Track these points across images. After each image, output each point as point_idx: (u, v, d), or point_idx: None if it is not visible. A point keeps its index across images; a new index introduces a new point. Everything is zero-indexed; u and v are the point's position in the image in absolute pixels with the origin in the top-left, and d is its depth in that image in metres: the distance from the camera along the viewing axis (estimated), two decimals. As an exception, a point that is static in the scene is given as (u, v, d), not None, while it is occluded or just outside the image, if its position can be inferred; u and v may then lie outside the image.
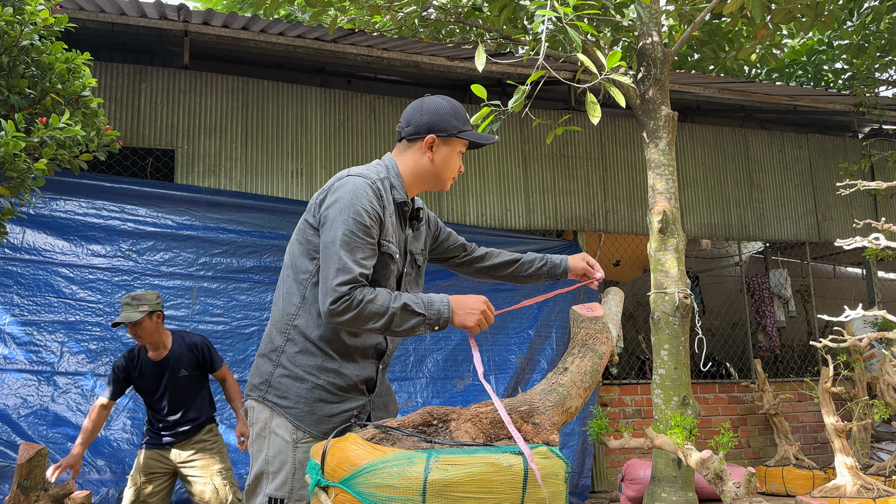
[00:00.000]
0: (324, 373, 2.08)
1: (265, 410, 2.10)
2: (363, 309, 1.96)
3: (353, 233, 2.01)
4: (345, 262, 1.98)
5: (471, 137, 2.25)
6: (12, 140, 2.57)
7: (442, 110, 2.23)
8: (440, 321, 2.04)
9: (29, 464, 3.01)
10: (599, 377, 2.31)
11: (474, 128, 2.33)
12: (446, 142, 2.23)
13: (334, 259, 1.99)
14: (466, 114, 2.29)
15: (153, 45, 6.28)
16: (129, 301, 3.98)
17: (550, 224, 7.07)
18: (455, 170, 2.29)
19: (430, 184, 2.29)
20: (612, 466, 6.80)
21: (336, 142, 6.49)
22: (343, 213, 2.02)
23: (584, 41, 4.15)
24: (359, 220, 2.02)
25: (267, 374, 2.12)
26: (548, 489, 1.80)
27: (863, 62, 8.36)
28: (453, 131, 2.22)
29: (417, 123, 2.21)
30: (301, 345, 2.10)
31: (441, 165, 2.25)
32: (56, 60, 2.94)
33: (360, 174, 2.12)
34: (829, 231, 8.28)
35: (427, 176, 2.26)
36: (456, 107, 2.27)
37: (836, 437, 5.56)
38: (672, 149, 4.81)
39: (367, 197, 2.06)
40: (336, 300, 1.95)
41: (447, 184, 2.31)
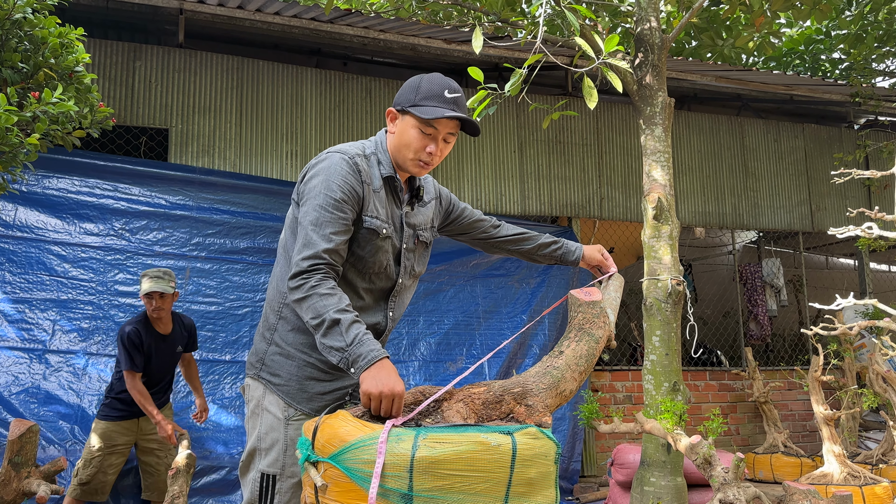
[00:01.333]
0: (314, 350, 2.08)
1: (259, 388, 2.12)
2: (308, 298, 1.88)
3: (323, 207, 1.97)
4: (310, 237, 1.95)
5: (419, 112, 2.02)
6: (4, 114, 2.55)
7: (409, 84, 2.10)
8: (354, 363, 1.83)
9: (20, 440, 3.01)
10: (595, 362, 2.32)
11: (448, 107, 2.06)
12: (403, 116, 2.10)
13: (301, 234, 1.97)
14: (444, 91, 2.06)
15: (148, 23, 6.23)
16: (160, 275, 4.32)
17: (545, 210, 7.07)
18: (416, 150, 2.07)
19: (398, 160, 2.14)
20: (601, 451, 6.85)
21: (331, 123, 6.46)
22: (316, 188, 2.01)
23: (582, 25, 4.13)
24: (329, 195, 1.98)
25: (261, 352, 2.13)
26: (537, 470, 1.81)
27: (860, 52, 8.35)
28: (406, 105, 2.07)
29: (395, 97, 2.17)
30: (293, 323, 2.10)
31: (398, 140, 2.10)
32: (49, 35, 2.91)
33: (339, 150, 2.09)
34: (823, 221, 8.30)
35: (393, 151, 2.14)
36: (427, 81, 2.07)
37: (824, 425, 5.61)
38: (668, 136, 4.80)
39: (341, 173, 2.02)
40: (295, 275, 1.92)
41: (409, 165, 2.11)
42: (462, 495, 1.70)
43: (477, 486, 1.71)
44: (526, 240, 2.54)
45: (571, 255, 2.56)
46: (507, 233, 2.54)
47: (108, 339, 5.22)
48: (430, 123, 2.04)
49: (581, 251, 2.55)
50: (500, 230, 2.54)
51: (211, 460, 5.07)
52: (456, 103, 2.08)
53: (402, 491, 1.68)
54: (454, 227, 2.48)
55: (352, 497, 1.71)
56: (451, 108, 2.06)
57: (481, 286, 6.47)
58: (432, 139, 2.07)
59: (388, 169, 2.14)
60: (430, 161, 2.10)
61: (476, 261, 6.46)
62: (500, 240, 2.54)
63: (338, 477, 1.74)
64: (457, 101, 2.09)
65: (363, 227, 2.07)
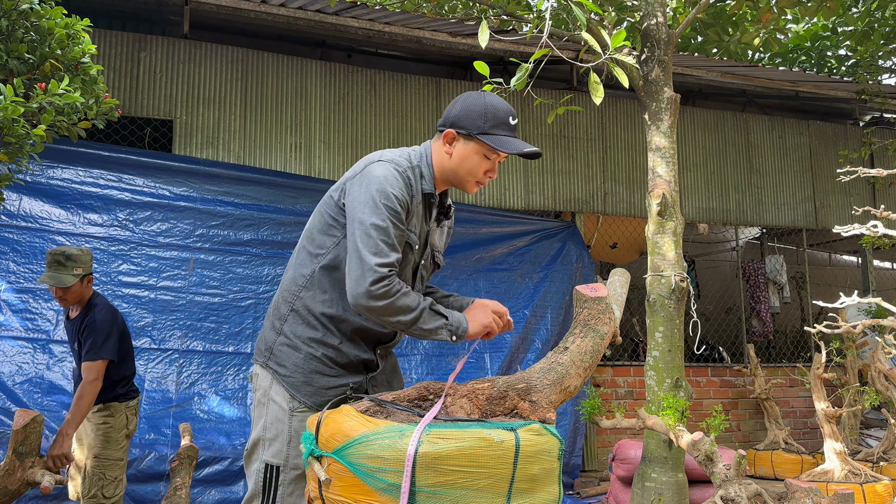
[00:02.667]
0: (322, 346, 2.09)
1: (267, 377, 2.14)
2: (397, 299, 1.96)
3: (388, 218, 1.99)
4: (381, 246, 1.97)
5: (492, 143, 2.09)
6: (11, 105, 2.55)
7: (472, 107, 2.12)
8: (459, 330, 2.05)
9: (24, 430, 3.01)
10: (600, 357, 2.32)
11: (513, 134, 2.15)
12: (467, 141, 2.13)
13: (370, 243, 1.96)
14: (509, 117, 2.13)
15: (153, 13, 6.22)
16: (61, 260, 3.53)
17: (549, 205, 7.06)
18: (477, 173, 2.16)
19: (451, 180, 2.20)
20: (602, 446, 6.86)
21: (335, 116, 6.46)
22: (375, 195, 2.00)
23: (589, 20, 4.11)
24: (390, 206, 2.00)
25: (270, 341, 2.15)
26: (540, 466, 1.82)
27: (867, 49, 8.31)
28: (474, 131, 2.10)
29: (447, 114, 2.16)
30: (304, 317, 2.11)
31: (458, 164, 2.15)
32: (55, 25, 2.90)
33: (391, 160, 2.09)
34: (827, 218, 8.29)
35: (447, 172, 2.17)
36: (493, 108, 2.12)
37: (825, 422, 5.61)
38: (673, 131, 4.79)
39: (397, 184, 2.03)
40: (377, 281, 1.94)
41: (467, 185, 2.19)
42: (465, 491, 1.71)
43: (480, 482, 1.72)
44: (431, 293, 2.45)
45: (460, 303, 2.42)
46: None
47: (112, 330, 5.22)
48: (497, 152, 2.13)
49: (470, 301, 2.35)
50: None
51: (213, 451, 5.09)
52: (516, 129, 2.19)
53: (405, 486, 1.69)
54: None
55: (355, 492, 1.72)
56: (515, 135, 2.17)
57: (484, 280, 6.47)
58: (492, 163, 2.17)
59: (430, 185, 2.16)
60: (485, 182, 2.22)
61: (479, 255, 6.46)
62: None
63: (341, 472, 1.74)
64: (517, 126, 2.19)
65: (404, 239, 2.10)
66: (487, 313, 2.12)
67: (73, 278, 3.53)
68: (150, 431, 5.07)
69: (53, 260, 3.53)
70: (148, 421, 5.09)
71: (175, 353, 5.34)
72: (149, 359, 5.27)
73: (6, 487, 3.03)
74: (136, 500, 4.81)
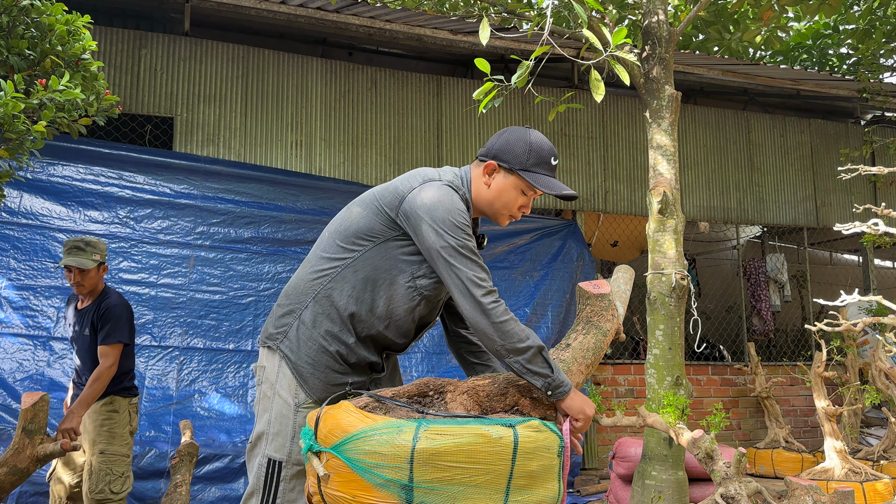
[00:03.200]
0: (336, 342, 2.09)
1: (274, 361, 2.13)
2: (508, 321, 1.97)
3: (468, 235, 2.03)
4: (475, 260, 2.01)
5: (533, 181, 2.12)
6: (11, 101, 2.55)
7: (517, 142, 2.15)
8: (558, 389, 1.99)
9: (33, 408, 3.07)
10: (602, 354, 2.31)
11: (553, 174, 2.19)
12: (508, 174, 2.15)
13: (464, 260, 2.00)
14: (551, 157, 2.17)
15: (153, 11, 6.22)
16: (81, 245, 3.71)
17: (550, 203, 7.06)
18: (512, 207, 2.18)
19: (485, 211, 2.22)
20: (602, 444, 6.87)
21: (336, 114, 6.46)
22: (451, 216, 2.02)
23: (590, 17, 4.11)
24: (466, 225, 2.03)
25: (286, 325, 2.14)
26: (539, 462, 1.82)
27: (868, 48, 8.30)
28: (516, 166, 2.13)
29: (490, 145, 2.19)
30: (326, 308, 2.11)
31: (495, 196, 2.17)
32: (56, 22, 2.90)
33: (450, 182, 2.12)
34: (828, 217, 8.28)
35: (483, 202, 2.19)
36: (537, 146, 2.15)
37: (826, 420, 5.61)
38: (674, 129, 4.78)
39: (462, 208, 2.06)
40: (488, 293, 1.98)
41: (500, 218, 2.22)
42: (462, 487, 1.71)
43: (477, 477, 1.72)
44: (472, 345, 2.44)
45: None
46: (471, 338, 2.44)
47: (112, 327, 5.23)
48: (534, 189, 2.15)
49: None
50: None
51: (214, 448, 5.09)
52: (556, 168, 2.21)
53: (402, 482, 1.69)
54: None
55: (353, 487, 1.72)
56: (554, 174, 2.19)
57: (485, 278, 6.46)
58: (528, 199, 2.20)
59: (471, 212, 2.20)
60: (518, 217, 2.24)
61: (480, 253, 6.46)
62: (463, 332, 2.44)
63: (340, 467, 1.74)
64: (557, 166, 2.21)
65: None
66: (591, 408, 2.04)
67: (92, 262, 3.71)
68: (150, 428, 5.07)
69: (73, 245, 3.71)
70: (148, 418, 5.10)
71: (176, 351, 5.35)
72: (149, 356, 5.27)
73: (16, 466, 3.08)
74: (137, 496, 4.81)
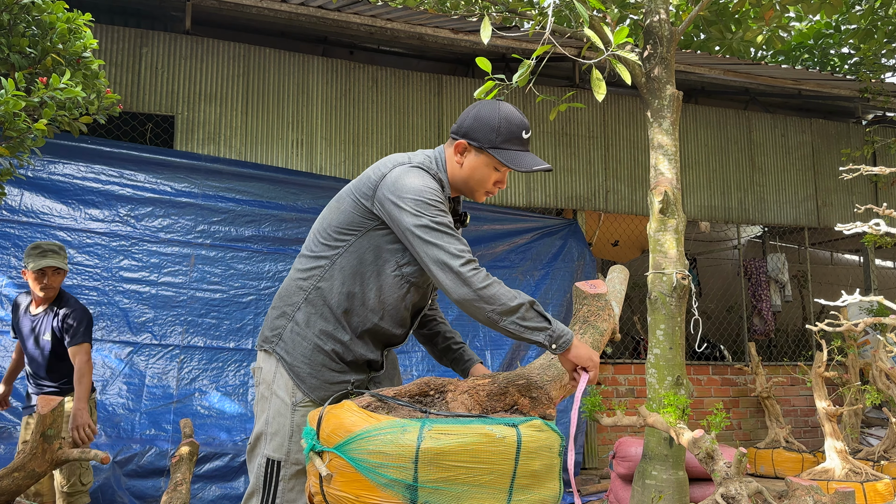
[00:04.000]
0: (331, 340, 2.09)
1: (271, 364, 2.13)
2: (491, 284, 1.94)
3: (442, 211, 2.02)
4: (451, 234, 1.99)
5: (503, 158, 2.10)
6: (12, 99, 2.55)
7: (487, 119, 2.12)
8: (560, 340, 1.97)
9: (52, 414, 3.09)
10: (600, 353, 2.31)
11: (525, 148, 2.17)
12: (479, 153, 2.14)
13: (439, 237, 1.97)
14: (522, 132, 2.14)
15: (154, 9, 6.21)
16: (55, 249, 3.80)
17: (550, 202, 7.06)
18: (486, 184, 2.18)
19: (461, 189, 2.22)
20: (603, 444, 6.86)
21: (337, 113, 6.45)
22: (422, 195, 2.01)
23: (592, 17, 4.10)
24: (438, 202, 2.02)
25: (280, 327, 2.14)
26: (541, 462, 1.82)
27: (870, 47, 8.30)
28: (486, 145, 2.11)
29: (460, 123, 2.17)
30: (319, 307, 2.11)
31: (468, 175, 2.16)
32: (57, 20, 2.89)
33: (420, 164, 2.11)
34: (829, 217, 8.28)
35: (458, 180, 2.19)
36: (506, 122, 2.12)
37: (826, 420, 5.61)
38: (676, 129, 4.78)
39: (435, 186, 2.06)
40: (465, 263, 1.94)
41: (477, 195, 2.21)
42: (466, 486, 1.71)
43: (481, 477, 1.72)
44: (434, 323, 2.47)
45: (458, 366, 2.42)
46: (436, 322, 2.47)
47: (113, 326, 5.23)
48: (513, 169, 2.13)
49: (472, 365, 2.39)
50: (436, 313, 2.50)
51: (214, 447, 5.09)
52: (529, 142, 2.18)
53: (406, 482, 1.68)
54: None
55: (357, 487, 1.72)
56: (527, 149, 2.18)
57: (485, 277, 6.46)
58: (502, 174, 2.19)
59: (447, 189, 2.19)
60: (495, 192, 2.23)
61: (481, 252, 6.46)
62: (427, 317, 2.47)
63: (343, 467, 1.74)
64: (529, 140, 2.18)
65: None
66: (594, 354, 2.02)
67: (67, 266, 3.85)
68: (150, 427, 5.07)
69: (50, 248, 3.81)
70: (149, 416, 5.09)
71: (176, 349, 5.35)
72: (150, 354, 5.27)
73: (34, 470, 3.11)
74: (137, 495, 4.81)
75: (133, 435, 5.00)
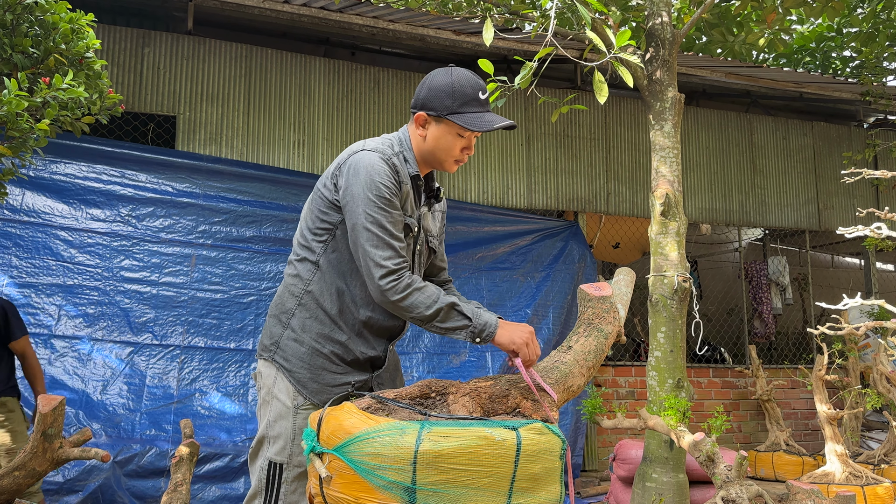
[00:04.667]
0: (329, 342, 2.09)
1: (272, 372, 2.13)
2: (409, 294, 1.96)
3: (382, 208, 2.00)
4: (383, 237, 1.98)
5: (462, 122, 2.07)
6: (15, 99, 2.55)
7: (439, 87, 2.09)
8: (483, 333, 2.00)
9: (53, 413, 3.10)
10: (604, 357, 2.31)
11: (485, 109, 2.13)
12: (438, 122, 2.11)
13: (372, 239, 1.98)
14: (478, 92, 2.10)
15: (157, 9, 6.22)
16: None
17: (552, 204, 7.06)
18: (453, 152, 2.14)
19: (430, 162, 2.19)
20: (603, 447, 6.86)
21: (339, 113, 6.45)
22: (365, 190, 2.00)
23: (594, 19, 4.10)
24: (382, 196, 2.01)
25: (276, 335, 2.14)
26: (541, 465, 1.81)
27: (872, 51, 8.29)
28: (444, 112, 2.08)
29: (417, 96, 2.15)
30: (312, 311, 2.11)
31: (433, 146, 2.14)
32: (60, 20, 2.90)
33: (374, 149, 2.09)
34: (830, 220, 8.27)
35: (425, 154, 2.17)
36: (460, 86, 2.09)
37: (827, 424, 5.60)
38: (677, 131, 4.78)
39: (384, 171, 2.04)
40: (385, 276, 1.96)
41: (446, 166, 2.18)
42: (465, 489, 1.71)
43: (480, 480, 1.72)
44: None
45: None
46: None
47: (114, 325, 5.23)
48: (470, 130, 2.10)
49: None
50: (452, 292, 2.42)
51: (214, 447, 5.09)
52: (488, 102, 2.14)
53: (405, 484, 1.68)
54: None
55: (356, 489, 1.72)
56: (488, 109, 2.13)
57: (486, 279, 6.47)
58: (468, 140, 2.15)
59: (414, 167, 2.17)
60: (464, 160, 2.20)
61: (482, 254, 6.46)
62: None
63: (343, 469, 1.74)
64: (488, 99, 2.14)
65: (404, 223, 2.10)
66: (524, 334, 2.04)
67: None
68: (151, 427, 5.07)
69: None
70: (149, 417, 5.10)
71: (177, 350, 5.35)
72: (150, 355, 5.27)
73: (34, 469, 3.12)
74: (137, 495, 4.81)
75: (133, 435, 5.00)
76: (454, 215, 6.43)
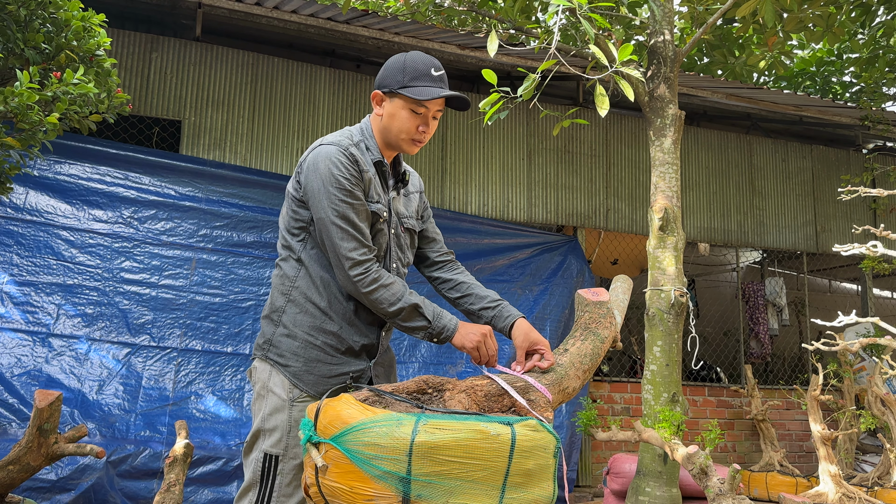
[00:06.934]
0: (322, 334, 2.12)
1: (266, 369, 2.15)
2: (376, 290, 2.03)
3: (344, 200, 2.05)
4: (348, 230, 2.04)
5: (411, 93, 2.07)
6: (26, 91, 2.60)
7: (392, 65, 2.14)
8: (441, 335, 2.08)
9: (49, 408, 3.10)
10: (600, 361, 2.34)
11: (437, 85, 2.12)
12: (392, 98, 2.14)
13: (336, 233, 2.04)
14: (430, 69, 2.11)
15: (166, 16, 6.29)
16: None
17: (551, 218, 7.10)
18: (410, 130, 2.13)
19: (390, 143, 2.19)
20: (597, 462, 6.85)
21: (343, 123, 6.51)
22: (325, 184, 2.05)
23: (597, 35, 4.17)
24: (341, 188, 2.05)
25: (269, 334, 2.17)
26: (535, 461, 1.83)
27: (871, 76, 8.38)
28: (395, 86, 2.11)
29: (376, 79, 2.20)
30: (302, 305, 2.15)
31: (388, 123, 2.15)
32: (72, 17, 2.95)
33: (332, 142, 2.13)
34: (828, 242, 8.31)
35: (383, 133, 2.19)
36: (409, 60, 2.12)
37: (821, 444, 5.60)
38: (677, 148, 4.83)
39: (342, 163, 2.07)
40: (352, 267, 2.03)
41: (404, 145, 2.17)
42: (459, 482, 1.72)
43: (475, 473, 1.73)
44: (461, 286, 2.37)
45: (499, 323, 2.27)
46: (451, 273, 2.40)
47: (112, 326, 5.25)
48: (422, 104, 2.10)
49: (511, 322, 2.22)
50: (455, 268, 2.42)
51: (208, 450, 5.08)
52: (443, 80, 2.16)
53: (400, 474, 1.70)
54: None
55: (351, 478, 1.73)
56: (440, 86, 2.14)
57: (484, 291, 6.48)
58: (423, 118, 2.14)
59: (377, 154, 2.20)
60: (422, 139, 2.18)
61: (480, 265, 6.49)
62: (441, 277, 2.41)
63: (338, 458, 1.75)
64: (443, 78, 2.16)
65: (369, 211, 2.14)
66: (475, 336, 2.07)
67: None
68: (145, 428, 5.07)
69: None
70: (144, 418, 5.10)
71: (174, 352, 5.36)
72: (147, 356, 5.28)
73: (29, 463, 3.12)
74: (130, 496, 4.80)
75: (128, 435, 5.00)
76: (454, 227, 6.47)
